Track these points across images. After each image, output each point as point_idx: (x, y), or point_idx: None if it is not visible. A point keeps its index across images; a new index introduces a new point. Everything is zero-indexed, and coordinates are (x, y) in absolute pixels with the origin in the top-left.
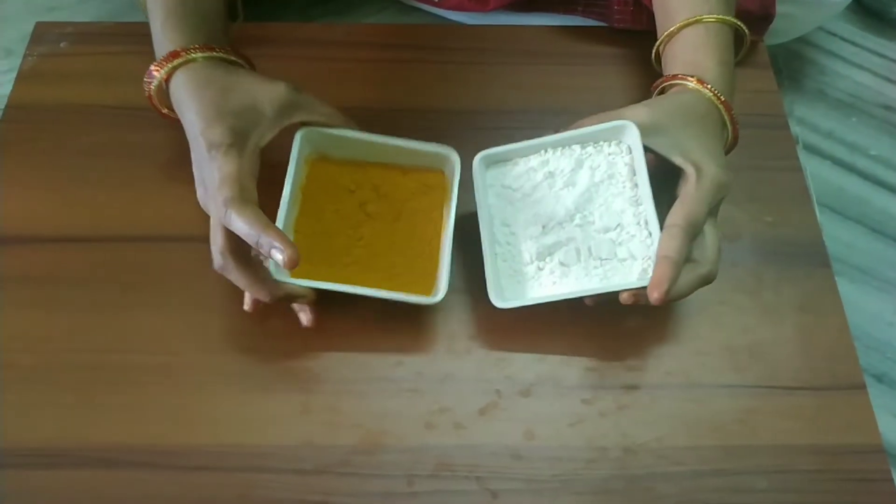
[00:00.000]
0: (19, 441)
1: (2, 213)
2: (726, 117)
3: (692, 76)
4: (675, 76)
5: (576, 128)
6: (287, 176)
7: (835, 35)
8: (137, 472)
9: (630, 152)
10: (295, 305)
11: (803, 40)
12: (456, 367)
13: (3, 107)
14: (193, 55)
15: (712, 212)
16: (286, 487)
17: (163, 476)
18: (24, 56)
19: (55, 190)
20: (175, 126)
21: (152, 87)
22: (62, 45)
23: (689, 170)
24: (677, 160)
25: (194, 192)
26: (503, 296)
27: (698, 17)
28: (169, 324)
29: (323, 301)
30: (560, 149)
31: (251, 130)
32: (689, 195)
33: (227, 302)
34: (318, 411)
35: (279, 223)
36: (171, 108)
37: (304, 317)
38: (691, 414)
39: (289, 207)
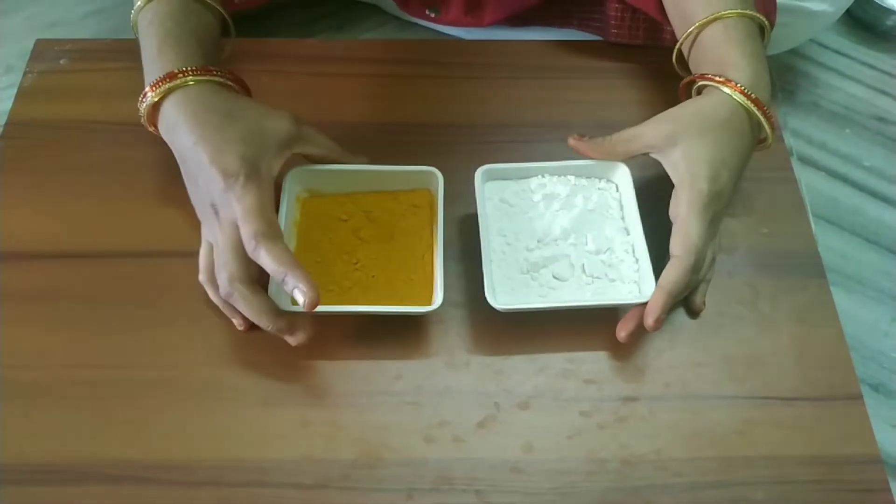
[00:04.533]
0: (20, 457)
1: (1, 229)
2: (758, 114)
3: (719, 75)
4: (702, 76)
5: (598, 144)
6: (279, 214)
7: (827, 47)
8: (138, 488)
9: (618, 190)
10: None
11: (796, 53)
12: (455, 381)
13: (2, 123)
14: (190, 78)
15: (714, 221)
16: (287, 502)
17: (164, 491)
18: (25, 73)
19: (55, 206)
20: None
21: (143, 108)
22: (62, 61)
23: (681, 189)
24: (675, 177)
25: (194, 208)
26: (501, 300)
27: (717, 14)
28: (169, 339)
29: (323, 318)
30: (557, 176)
31: (260, 159)
32: (682, 218)
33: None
34: (318, 425)
35: None
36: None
37: (292, 339)
38: (690, 425)
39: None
